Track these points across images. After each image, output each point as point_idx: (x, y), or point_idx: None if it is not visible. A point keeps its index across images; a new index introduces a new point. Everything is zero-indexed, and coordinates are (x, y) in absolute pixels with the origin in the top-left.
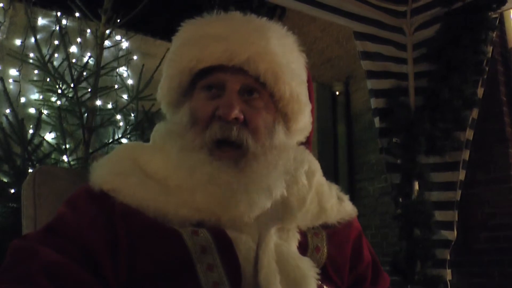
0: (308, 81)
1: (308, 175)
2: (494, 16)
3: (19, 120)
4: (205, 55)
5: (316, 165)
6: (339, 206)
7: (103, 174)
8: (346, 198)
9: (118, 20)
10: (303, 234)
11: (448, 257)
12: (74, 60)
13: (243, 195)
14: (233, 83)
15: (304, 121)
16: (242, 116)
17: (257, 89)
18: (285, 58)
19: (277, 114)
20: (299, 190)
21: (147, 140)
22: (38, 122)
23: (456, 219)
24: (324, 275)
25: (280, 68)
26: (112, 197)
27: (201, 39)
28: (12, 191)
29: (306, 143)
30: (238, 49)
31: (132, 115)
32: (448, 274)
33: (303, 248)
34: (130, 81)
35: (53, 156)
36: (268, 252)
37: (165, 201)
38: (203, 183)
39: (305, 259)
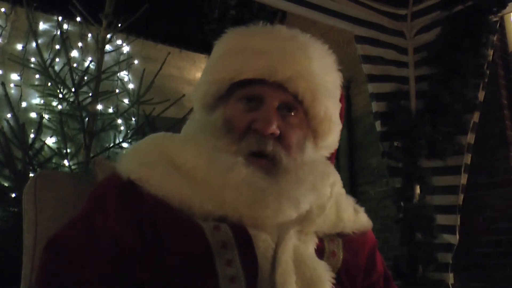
0: (340, 100)
1: (330, 186)
2: (494, 19)
3: (20, 125)
4: (247, 69)
5: (336, 177)
6: (355, 217)
7: (130, 163)
8: (361, 210)
9: (119, 25)
10: (320, 239)
11: (451, 261)
12: (75, 65)
13: (273, 201)
14: (273, 99)
15: (332, 139)
16: (278, 132)
17: (295, 106)
18: (324, 79)
19: (308, 130)
20: (319, 198)
21: None
22: (39, 126)
23: (459, 223)
24: (338, 280)
25: (319, 88)
26: (140, 186)
27: (245, 52)
28: (13, 195)
29: (329, 157)
30: (281, 66)
31: (133, 119)
32: (450, 278)
33: (319, 252)
34: (131, 86)
35: (54, 160)
36: (286, 251)
37: (191, 195)
38: (237, 183)
39: (322, 262)
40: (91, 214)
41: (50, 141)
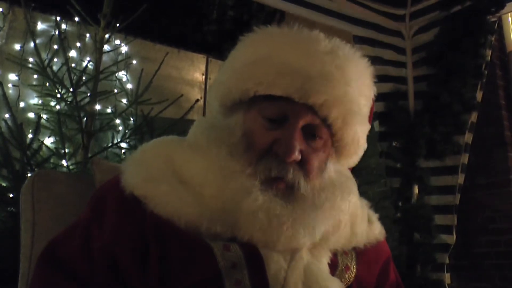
0: (370, 111)
1: (349, 201)
2: (493, 19)
3: (18, 125)
4: (277, 86)
5: (354, 189)
6: (368, 230)
7: (135, 177)
8: (375, 218)
9: (118, 25)
10: (333, 253)
11: (447, 261)
12: (73, 65)
13: (288, 229)
14: (298, 119)
15: (354, 160)
16: (300, 157)
17: (321, 129)
18: (359, 103)
19: (332, 149)
20: (336, 218)
21: None
22: (37, 126)
23: (455, 223)
24: None
25: (352, 116)
26: (144, 203)
27: (276, 66)
28: (11, 195)
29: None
30: (315, 89)
31: (131, 119)
32: (447, 278)
33: (333, 266)
34: (129, 86)
35: (52, 160)
36: (296, 273)
37: (198, 214)
38: (254, 209)
39: (335, 279)
40: (89, 224)
41: (48, 141)
